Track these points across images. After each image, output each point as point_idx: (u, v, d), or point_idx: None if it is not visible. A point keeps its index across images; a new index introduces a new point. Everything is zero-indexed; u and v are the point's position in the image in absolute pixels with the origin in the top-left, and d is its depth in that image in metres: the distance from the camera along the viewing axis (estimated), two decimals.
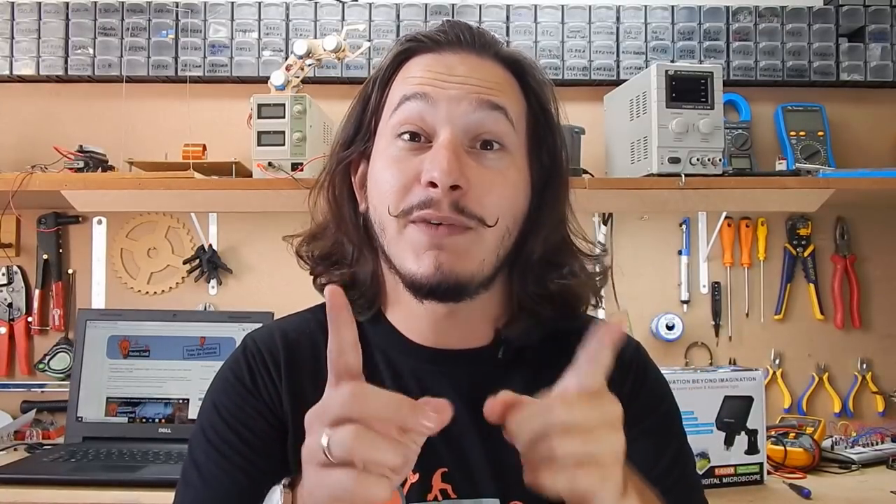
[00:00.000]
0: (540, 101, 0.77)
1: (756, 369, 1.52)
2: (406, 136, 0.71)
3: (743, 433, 1.47)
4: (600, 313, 1.90)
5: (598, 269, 0.80)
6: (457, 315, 0.74)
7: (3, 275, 1.94)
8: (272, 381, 0.76)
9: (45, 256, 1.93)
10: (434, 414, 0.53)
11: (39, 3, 1.92)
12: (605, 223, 1.94)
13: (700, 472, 1.43)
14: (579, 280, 0.77)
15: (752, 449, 1.46)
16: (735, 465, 1.46)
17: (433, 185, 0.67)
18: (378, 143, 0.74)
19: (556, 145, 0.78)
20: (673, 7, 1.95)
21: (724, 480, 1.45)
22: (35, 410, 1.84)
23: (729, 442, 1.46)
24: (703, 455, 1.44)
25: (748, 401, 1.48)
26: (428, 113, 0.70)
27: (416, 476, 0.71)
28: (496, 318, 0.77)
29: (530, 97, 0.76)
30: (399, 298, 0.76)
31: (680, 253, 1.97)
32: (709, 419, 1.45)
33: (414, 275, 0.69)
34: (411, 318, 0.76)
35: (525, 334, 0.76)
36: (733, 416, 1.47)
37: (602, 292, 0.81)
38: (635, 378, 0.79)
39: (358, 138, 0.77)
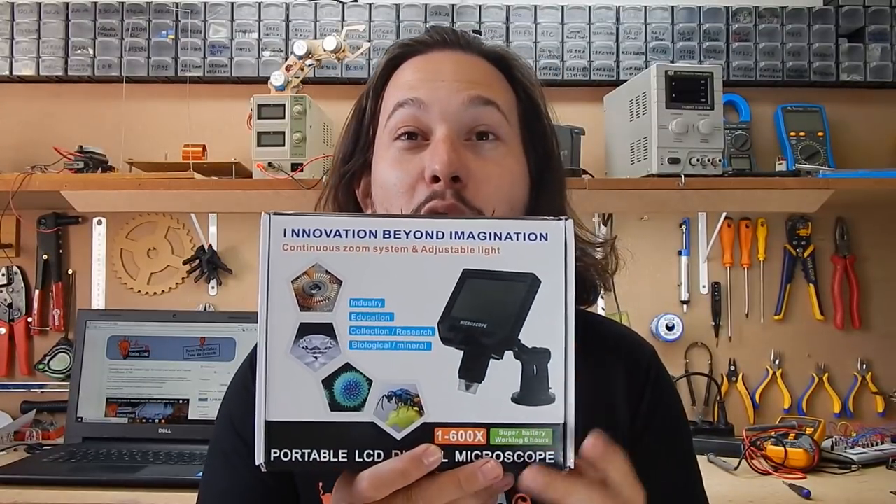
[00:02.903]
0: (528, 94, 0.78)
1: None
2: (404, 137, 0.72)
3: (509, 355, 0.49)
4: (600, 309, 1.90)
5: (600, 257, 0.81)
6: None
7: (3, 275, 1.94)
8: None
9: (45, 257, 1.93)
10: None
11: (39, 4, 1.92)
12: (605, 223, 1.94)
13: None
14: (584, 265, 0.77)
15: (535, 392, 0.49)
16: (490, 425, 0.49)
17: (436, 179, 0.68)
18: (377, 150, 0.75)
19: (547, 135, 0.79)
20: (673, 7, 1.95)
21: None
22: (35, 411, 1.84)
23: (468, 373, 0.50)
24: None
25: (523, 284, 0.50)
26: (422, 115, 0.71)
27: None
28: None
29: (518, 90, 0.77)
30: None
31: (680, 253, 1.97)
32: (421, 321, 0.49)
33: None
34: None
35: None
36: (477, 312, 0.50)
37: (609, 278, 0.81)
38: (653, 387, 0.78)
39: (357, 150, 0.78)
